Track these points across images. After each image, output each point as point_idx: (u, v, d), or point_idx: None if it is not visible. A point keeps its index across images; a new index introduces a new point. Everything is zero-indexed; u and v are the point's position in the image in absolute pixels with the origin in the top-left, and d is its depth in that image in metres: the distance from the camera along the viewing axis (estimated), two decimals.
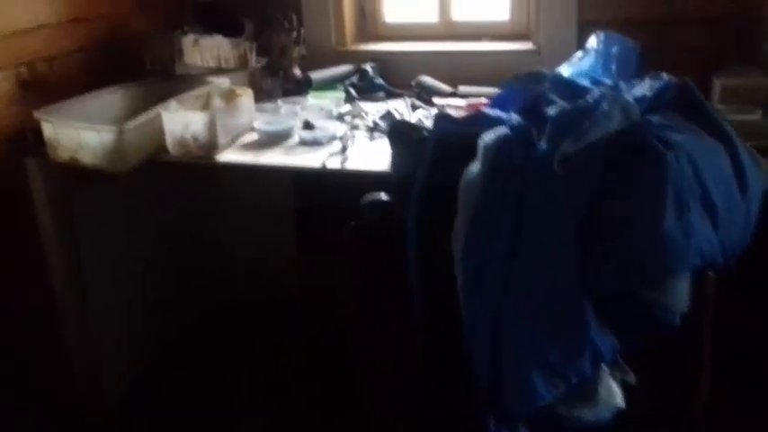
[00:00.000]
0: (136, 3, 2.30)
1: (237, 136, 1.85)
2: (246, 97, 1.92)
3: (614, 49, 1.87)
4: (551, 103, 1.11)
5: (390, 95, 2.24)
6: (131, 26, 2.29)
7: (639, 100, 1.02)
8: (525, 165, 1.05)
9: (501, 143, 1.08)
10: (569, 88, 1.12)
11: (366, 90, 2.25)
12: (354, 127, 1.92)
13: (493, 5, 2.42)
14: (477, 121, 1.23)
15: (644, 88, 1.11)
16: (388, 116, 1.95)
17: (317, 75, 2.25)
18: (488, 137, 1.11)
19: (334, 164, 1.65)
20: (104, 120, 1.90)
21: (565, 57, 2.15)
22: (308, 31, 2.39)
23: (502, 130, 1.12)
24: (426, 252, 1.19)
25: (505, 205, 1.05)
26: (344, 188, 1.55)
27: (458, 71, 2.29)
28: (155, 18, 2.38)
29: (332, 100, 2.12)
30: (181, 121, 1.69)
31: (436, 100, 2.10)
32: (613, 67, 1.86)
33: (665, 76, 1.09)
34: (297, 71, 2.27)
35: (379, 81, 2.26)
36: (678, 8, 2.04)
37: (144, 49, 2.18)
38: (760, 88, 1.73)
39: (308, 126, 1.84)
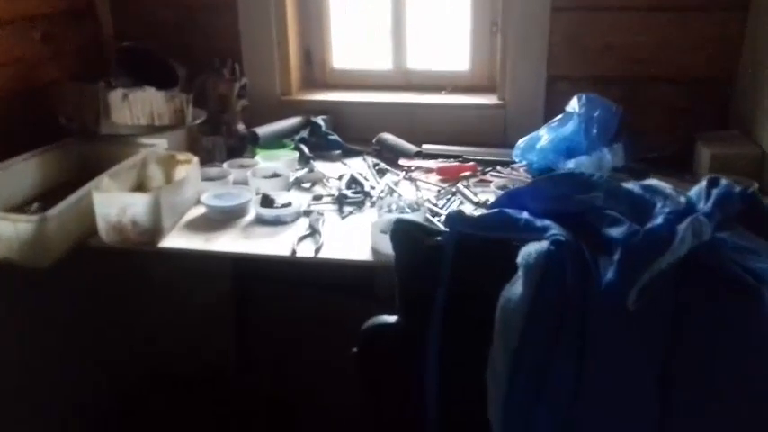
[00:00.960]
0: (44, 47, 1.97)
1: (182, 214, 1.57)
2: (191, 166, 1.65)
3: (596, 113, 1.75)
4: (606, 218, 0.93)
5: (347, 153, 2.03)
6: (40, 75, 1.96)
7: (708, 215, 0.86)
8: (584, 296, 0.87)
9: (549, 263, 0.90)
10: (627, 198, 0.96)
11: (320, 147, 2.03)
12: (317, 198, 1.69)
13: (451, 55, 2.26)
14: (500, 222, 1.04)
15: (698, 192, 0.96)
16: (353, 183, 1.74)
17: (263, 130, 2.00)
18: (530, 252, 0.93)
19: (305, 250, 1.42)
20: (17, 196, 1.59)
21: (532, 112, 2.05)
22: (249, 78, 2.14)
23: (543, 246, 0.93)
24: (451, 390, 0.99)
25: (561, 348, 0.86)
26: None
27: (417, 126, 2.12)
28: (69, 65, 2.06)
29: (284, 161, 1.88)
30: (117, 204, 1.40)
31: (402, 161, 1.91)
32: (594, 131, 1.76)
33: (723, 181, 0.94)
34: (241, 126, 2.01)
35: (334, 137, 2.04)
36: (652, 67, 1.95)
37: (57, 104, 1.85)
38: (751, 158, 1.65)
39: (266, 201, 1.59)
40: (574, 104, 1.78)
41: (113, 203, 1.40)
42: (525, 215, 1.05)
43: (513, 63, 2.04)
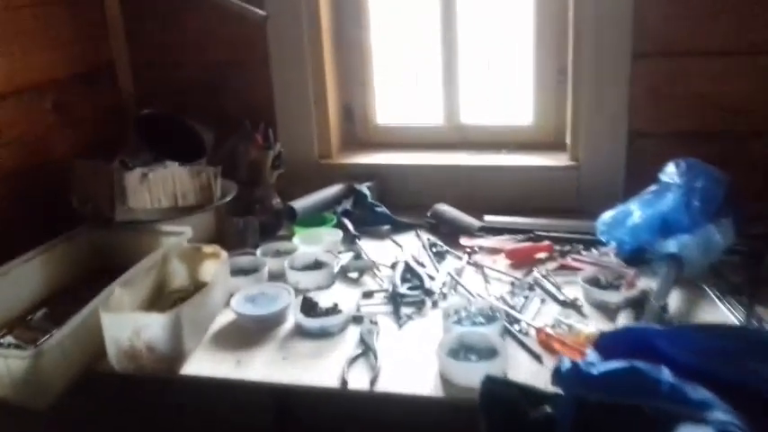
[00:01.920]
0: (55, 117, 1.76)
1: (208, 326, 1.32)
2: (219, 261, 1.40)
3: (699, 183, 1.45)
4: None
5: (398, 228, 1.76)
6: (51, 149, 1.74)
7: None
8: None
9: None
10: None
11: (365, 221, 1.77)
12: (368, 295, 1.42)
13: (510, 108, 1.98)
14: (635, 383, 0.76)
15: None
16: (410, 274, 1.47)
17: (301, 203, 1.75)
18: None
19: (358, 379, 1.15)
20: (19, 304, 1.36)
21: (611, 174, 1.76)
22: (283, 140, 1.90)
23: None
24: None
25: None
26: None
27: (475, 191, 1.84)
28: (84, 135, 1.85)
29: (326, 242, 1.62)
30: (129, 326, 1.15)
31: (463, 240, 1.63)
32: (697, 204, 1.45)
33: None
34: (276, 201, 1.76)
35: (382, 209, 1.78)
36: (753, 120, 1.65)
37: (69, 184, 1.62)
38: None
39: (308, 305, 1.33)
40: (671, 172, 1.49)
41: (125, 325, 1.15)
42: (668, 376, 0.77)
43: (586, 117, 1.75)
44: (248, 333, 1.30)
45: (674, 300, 1.31)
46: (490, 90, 2.00)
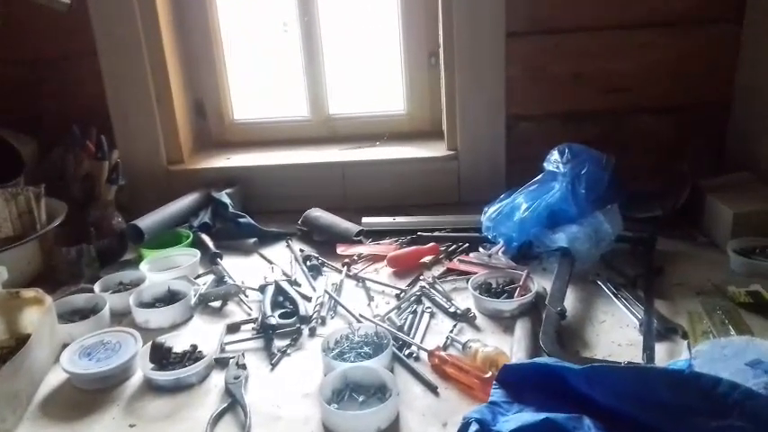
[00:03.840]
0: None
1: (34, 391, 1.06)
2: (42, 309, 1.13)
3: (584, 169, 1.37)
4: None
5: (266, 239, 1.56)
6: None
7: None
8: None
9: None
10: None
11: (228, 234, 1.55)
12: (233, 329, 1.21)
13: (382, 96, 1.82)
14: None
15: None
16: (282, 297, 1.27)
17: (147, 221, 1.49)
18: None
19: None
20: None
21: (491, 162, 1.65)
22: (122, 145, 1.63)
23: None
24: None
25: None
26: None
27: (350, 191, 1.68)
28: None
29: (181, 268, 1.38)
30: None
31: (340, 249, 1.46)
32: (583, 191, 1.37)
33: None
34: (117, 220, 1.50)
35: (246, 219, 1.57)
36: (633, 97, 1.59)
37: None
38: None
39: (158, 353, 1.10)
40: (555, 160, 1.39)
41: None
42: (591, 428, 0.63)
43: (462, 102, 1.63)
44: (85, 396, 1.06)
45: (570, 300, 1.21)
46: (359, 78, 1.83)
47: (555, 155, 1.39)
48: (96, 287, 1.31)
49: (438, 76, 1.69)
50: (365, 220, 1.56)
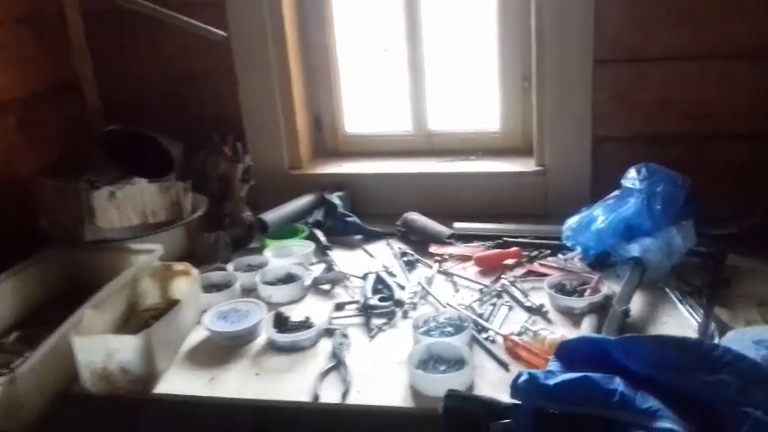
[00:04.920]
0: (20, 135, 1.75)
1: (180, 344, 1.33)
2: (190, 280, 1.41)
3: (660, 187, 1.49)
4: (746, 419, 0.68)
5: (369, 237, 1.78)
6: (16, 169, 1.73)
7: None
8: None
9: None
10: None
11: (337, 231, 1.79)
12: (339, 307, 1.44)
13: (478, 114, 2.01)
14: (587, 393, 0.79)
15: None
16: (381, 285, 1.49)
17: (272, 215, 1.76)
18: None
19: (330, 393, 1.16)
20: None
21: (577, 179, 1.79)
22: (253, 151, 1.91)
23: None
24: None
25: None
26: None
27: (445, 198, 1.87)
28: (49, 152, 1.83)
29: (298, 255, 1.63)
30: (101, 350, 1.16)
31: (433, 248, 1.66)
32: (658, 207, 1.49)
33: None
34: (247, 214, 1.77)
35: (353, 219, 1.80)
36: (715, 123, 1.69)
37: (36, 204, 1.62)
38: None
39: (280, 321, 1.34)
40: (632, 177, 1.53)
41: (97, 349, 1.16)
42: (620, 385, 0.80)
43: (551, 123, 1.78)
44: (221, 350, 1.31)
45: (637, 303, 1.35)
46: (457, 97, 2.03)
47: (632, 173, 1.53)
48: (229, 267, 1.58)
49: (530, 97, 1.86)
50: (457, 224, 1.75)
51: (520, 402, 0.81)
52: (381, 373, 1.20)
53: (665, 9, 1.63)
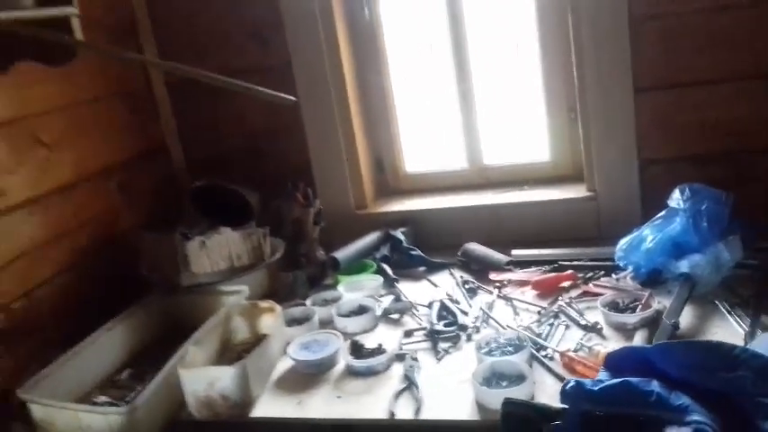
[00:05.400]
0: (121, 195, 1.99)
1: (270, 373, 1.50)
2: (274, 316, 1.58)
3: (704, 205, 1.57)
4: (761, 408, 0.78)
5: (432, 268, 1.92)
6: (118, 225, 1.97)
7: None
8: None
9: None
10: None
11: (402, 264, 1.94)
12: (408, 334, 1.58)
13: (528, 145, 2.14)
14: (627, 395, 0.90)
15: None
16: (445, 312, 1.62)
17: (343, 254, 1.92)
18: None
19: (404, 410, 1.30)
20: (107, 366, 1.56)
21: (627, 201, 1.89)
22: (322, 195, 2.09)
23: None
24: None
25: None
26: None
27: (502, 228, 1.99)
28: (144, 208, 2.07)
29: (368, 288, 1.79)
30: (204, 379, 1.34)
31: (492, 275, 1.78)
32: (704, 225, 1.57)
33: None
34: (320, 253, 1.95)
35: (417, 252, 1.94)
36: (755, 140, 1.76)
37: (137, 255, 1.84)
38: None
39: (356, 348, 1.49)
40: (677, 198, 1.61)
41: (200, 379, 1.34)
42: (656, 386, 0.90)
43: (598, 150, 1.89)
44: (305, 376, 1.48)
45: (687, 316, 1.43)
46: (508, 130, 2.16)
47: (676, 193, 1.61)
48: (308, 302, 1.75)
49: (577, 127, 1.97)
50: (514, 251, 1.87)
51: (568, 406, 0.93)
52: (449, 391, 1.33)
53: (697, 36, 1.73)
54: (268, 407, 1.39)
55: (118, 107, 2.03)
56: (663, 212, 1.64)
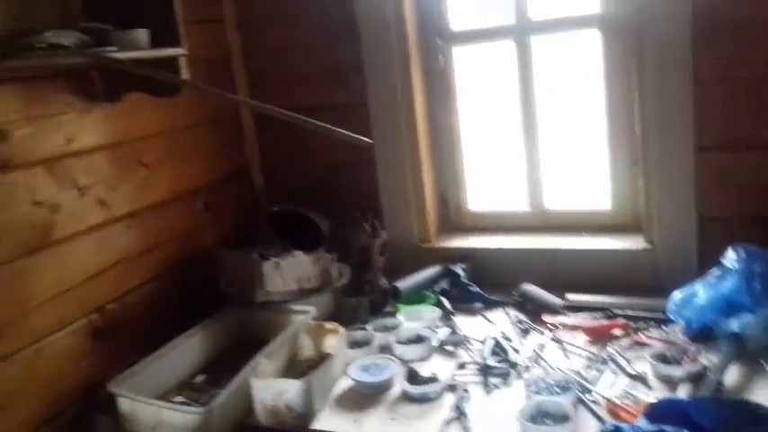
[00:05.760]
0: (206, 214, 2.17)
1: (331, 389, 1.62)
2: (337, 337, 1.71)
3: (758, 268, 1.62)
4: None
5: (488, 305, 2.01)
6: (202, 241, 2.15)
7: None
8: None
9: None
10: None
11: (460, 298, 2.04)
12: (461, 366, 1.68)
13: (589, 193, 2.22)
14: None
15: None
16: (498, 348, 1.71)
17: (404, 284, 2.04)
18: None
19: None
20: (185, 370, 1.73)
21: (684, 256, 1.93)
22: (388, 226, 2.22)
23: None
24: None
25: None
26: None
27: (559, 271, 2.07)
28: (226, 227, 2.25)
29: (426, 319, 1.90)
30: (273, 390, 1.48)
31: (546, 317, 1.86)
32: (757, 286, 1.62)
33: None
34: (383, 281, 2.07)
35: (474, 288, 2.04)
36: None
37: (217, 270, 2.02)
38: None
39: (412, 375, 1.61)
40: (731, 257, 1.66)
41: (269, 389, 1.48)
42: None
43: (658, 203, 1.96)
44: (363, 396, 1.60)
45: (733, 375, 1.48)
46: (571, 177, 2.24)
47: (731, 253, 1.66)
48: (368, 327, 1.88)
49: (638, 179, 2.04)
50: (569, 295, 1.94)
51: None
52: (496, 425, 1.43)
53: (762, 100, 1.78)
54: (328, 421, 1.52)
55: (210, 133, 2.23)
56: (717, 270, 1.69)
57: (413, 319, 1.91)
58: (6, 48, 1.44)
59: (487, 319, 1.94)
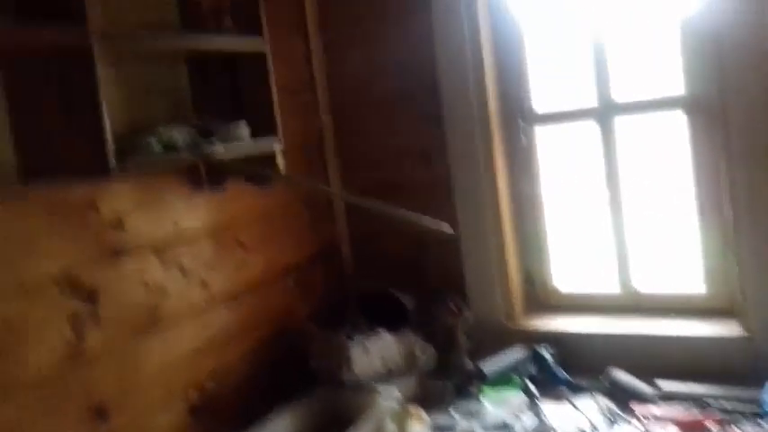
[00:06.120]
0: (297, 293, 2.28)
1: None
2: (421, 423, 1.74)
3: None
4: None
5: (575, 390, 1.98)
6: (293, 319, 2.24)
7: None
8: None
9: None
10: None
11: (546, 383, 2.01)
12: None
13: (681, 274, 2.16)
14: None
15: None
16: None
17: (490, 367, 2.04)
18: None
19: None
20: None
21: None
22: (473, 306, 2.24)
23: None
24: None
25: None
26: None
27: (648, 357, 2.01)
28: (315, 306, 2.34)
29: (512, 405, 1.89)
30: None
31: (636, 407, 1.81)
32: None
33: None
34: (468, 363, 2.09)
35: (562, 373, 2.02)
36: None
37: (307, 348, 2.09)
38: None
39: None
40: None
41: None
42: None
43: (754, 290, 1.88)
44: None
45: None
46: (662, 260, 2.20)
47: None
48: (451, 410, 1.89)
49: (733, 264, 1.97)
50: (660, 382, 1.88)
51: None
52: None
53: None
54: None
55: (302, 214, 2.35)
56: None
57: (497, 403, 1.91)
58: (125, 143, 1.59)
59: (574, 406, 1.90)
